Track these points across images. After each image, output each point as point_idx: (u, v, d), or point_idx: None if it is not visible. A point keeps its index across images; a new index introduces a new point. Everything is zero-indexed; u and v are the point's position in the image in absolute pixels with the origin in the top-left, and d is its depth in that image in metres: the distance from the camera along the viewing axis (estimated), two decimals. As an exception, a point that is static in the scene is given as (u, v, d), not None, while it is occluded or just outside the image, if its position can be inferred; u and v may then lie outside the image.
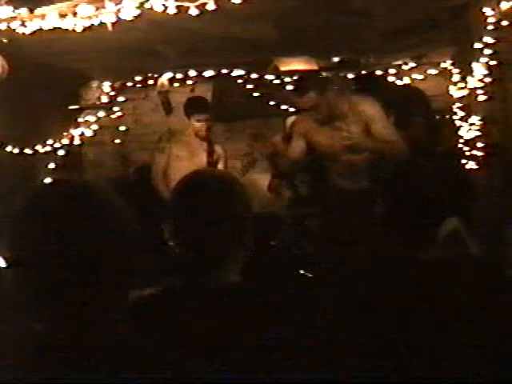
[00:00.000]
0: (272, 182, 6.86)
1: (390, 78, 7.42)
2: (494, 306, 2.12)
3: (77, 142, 7.37)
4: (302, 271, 4.82)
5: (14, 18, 4.62)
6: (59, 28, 4.64)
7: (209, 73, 7.55)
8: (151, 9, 4.40)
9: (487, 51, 5.14)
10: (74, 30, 4.65)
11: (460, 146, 5.94)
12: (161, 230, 2.15)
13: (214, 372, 1.75)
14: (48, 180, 6.48)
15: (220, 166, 6.25)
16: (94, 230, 1.57)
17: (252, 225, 2.14)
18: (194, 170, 2.30)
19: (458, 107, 6.37)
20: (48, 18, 4.57)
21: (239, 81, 7.66)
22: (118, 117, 8.07)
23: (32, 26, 4.66)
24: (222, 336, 1.90)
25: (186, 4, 4.37)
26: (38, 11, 4.60)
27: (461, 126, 6.11)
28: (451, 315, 2.08)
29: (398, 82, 7.41)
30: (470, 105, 5.97)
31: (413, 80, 7.37)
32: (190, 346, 1.85)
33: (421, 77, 7.28)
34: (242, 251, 2.13)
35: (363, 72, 7.27)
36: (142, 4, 4.37)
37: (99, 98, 7.86)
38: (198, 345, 1.86)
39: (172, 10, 4.41)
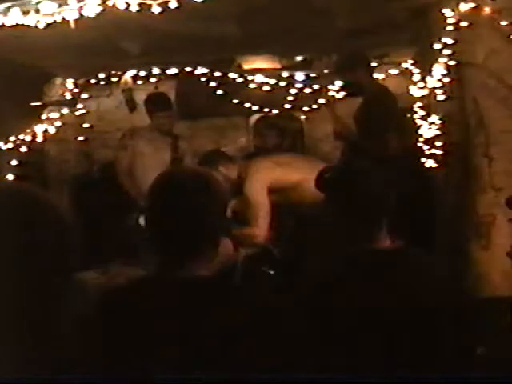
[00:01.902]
0: None
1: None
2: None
3: (40, 138, 7.33)
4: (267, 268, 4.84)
5: (-24, 15, 4.60)
6: (22, 24, 4.63)
7: (172, 71, 7.56)
8: (114, 6, 4.41)
9: (446, 52, 5.22)
10: (36, 27, 4.64)
11: (420, 144, 6.04)
12: (127, 226, 2.17)
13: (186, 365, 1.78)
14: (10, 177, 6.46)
15: (186, 161, 6.24)
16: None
17: (228, 221, 2.16)
18: (170, 168, 2.31)
19: (419, 106, 6.47)
20: (10, 15, 4.56)
21: (202, 79, 7.68)
22: (82, 114, 8.04)
23: (-6, 23, 4.65)
24: (191, 330, 1.92)
25: (148, 2, 4.38)
26: (0, 8, 4.58)
27: (421, 125, 6.20)
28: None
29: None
30: (429, 104, 6.06)
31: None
32: (160, 340, 1.89)
33: (382, 76, 7.36)
34: (217, 246, 2.15)
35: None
36: (104, 1, 4.37)
37: (63, 95, 7.82)
38: (168, 339, 1.89)
39: (134, 8, 4.42)
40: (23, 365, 1.52)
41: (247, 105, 7.76)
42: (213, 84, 7.72)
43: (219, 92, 7.74)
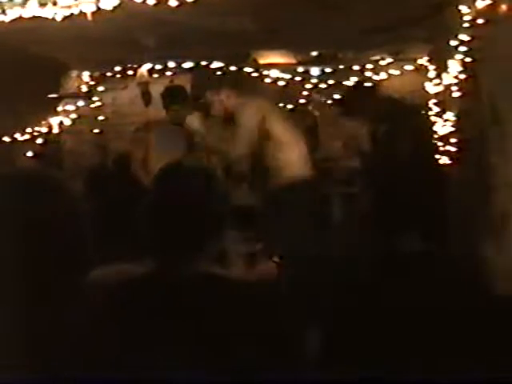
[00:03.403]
0: None
1: (367, 73, 7.48)
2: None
3: (55, 130, 7.38)
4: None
5: (-6, 6, 4.64)
6: (39, 17, 4.66)
7: (188, 64, 7.58)
8: (131, -1, 4.44)
9: (462, 48, 5.20)
10: (53, 19, 4.67)
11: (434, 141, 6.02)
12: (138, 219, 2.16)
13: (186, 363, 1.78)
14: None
15: (199, 154, 6.26)
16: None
17: (229, 216, 2.16)
18: (172, 161, 2.31)
19: (434, 103, 6.45)
20: (28, 7, 4.59)
21: (218, 73, 7.69)
22: (97, 107, 8.07)
23: (12, 14, 4.68)
24: (192, 327, 1.90)
25: (165, -5, 4.41)
26: (18, -1, 4.62)
27: (436, 122, 6.19)
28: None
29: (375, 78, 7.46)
30: (444, 101, 6.04)
31: (390, 75, 7.44)
32: (160, 337, 1.87)
33: (397, 72, 7.35)
34: (219, 242, 2.15)
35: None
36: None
37: (79, 88, 7.86)
38: (168, 336, 1.87)
39: (151, 1, 4.44)
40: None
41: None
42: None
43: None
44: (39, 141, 6.95)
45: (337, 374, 1.87)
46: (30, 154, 6.75)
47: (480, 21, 4.88)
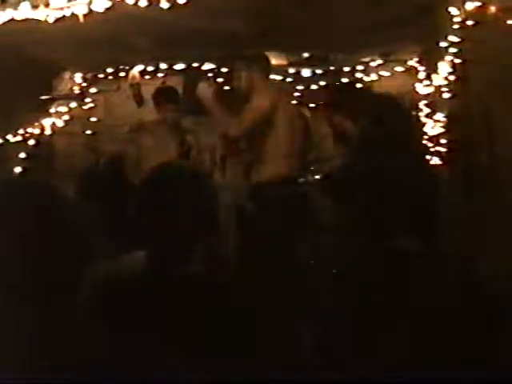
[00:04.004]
0: None
1: (358, 75, 7.50)
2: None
3: (48, 132, 7.37)
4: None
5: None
6: (32, 18, 4.67)
7: (179, 66, 7.59)
8: (123, 1, 4.45)
9: (452, 50, 5.24)
10: (46, 21, 4.68)
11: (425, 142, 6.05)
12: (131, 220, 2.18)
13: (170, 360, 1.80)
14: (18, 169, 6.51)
15: (192, 155, 6.27)
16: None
17: (218, 216, 2.18)
18: (162, 162, 2.32)
19: (424, 104, 6.48)
20: (20, 9, 4.60)
21: (210, 74, 7.70)
22: (90, 108, 8.07)
23: (4, 16, 4.69)
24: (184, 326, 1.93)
25: (157, -3, 4.43)
26: (11, 1, 4.63)
27: (426, 123, 6.22)
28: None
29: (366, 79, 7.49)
30: (435, 102, 6.07)
31: (380, 77, 7.46)
32: (154, 335, 1.90)
33: (388, 74, 7.37)
34: (208, 242, 2.18)
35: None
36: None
37: (71, 89, 7.85)
38: (162, 334, 1.91)
39: (143, 3, 4.46)
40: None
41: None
42: (220, 80, 7.73)
43: (226, 88, 7.75)
44: (31, 142, 6.94)
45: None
46: (22, 155, 6.75)
47: (469, 22, 4.93)
